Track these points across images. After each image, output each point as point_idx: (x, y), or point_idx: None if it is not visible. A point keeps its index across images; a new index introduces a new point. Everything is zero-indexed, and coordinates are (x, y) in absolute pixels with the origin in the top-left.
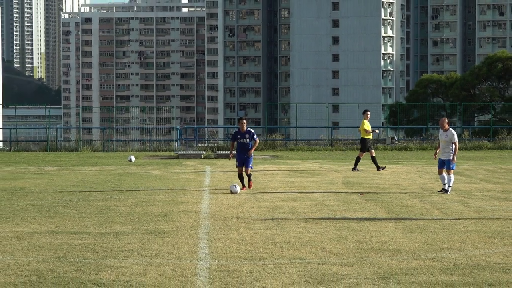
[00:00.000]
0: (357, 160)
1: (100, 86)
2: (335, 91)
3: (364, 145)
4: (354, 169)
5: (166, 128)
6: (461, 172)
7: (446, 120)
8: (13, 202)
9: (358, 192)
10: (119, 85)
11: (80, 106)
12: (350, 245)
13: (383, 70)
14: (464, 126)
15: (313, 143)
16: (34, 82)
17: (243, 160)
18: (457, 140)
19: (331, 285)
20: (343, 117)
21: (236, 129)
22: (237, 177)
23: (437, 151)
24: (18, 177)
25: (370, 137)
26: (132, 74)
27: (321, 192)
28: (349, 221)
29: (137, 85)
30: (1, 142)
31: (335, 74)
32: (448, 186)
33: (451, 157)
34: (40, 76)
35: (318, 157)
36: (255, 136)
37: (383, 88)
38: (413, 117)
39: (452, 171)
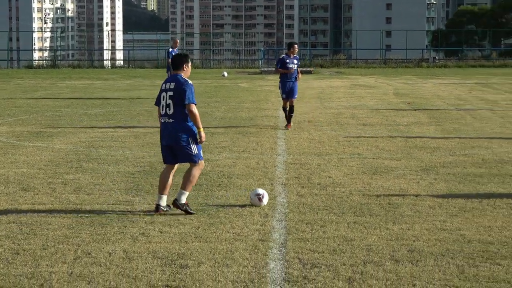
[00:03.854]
0: None
1: (200, 16)
2: (388, 20)
3: None
4: None
5: (252, 49)
6: (490, 85)
7: None
8: (131, 108)
9: (406, 101)
10: (215, 15)
11: (184, 32)
12: (399, 144)
13: (427, 3)
14: (493, 48)
15: (370, 62)
16: (147, 13)
17: (289, 90)
18: None
19: (383, 175)
20: (395, 41)
21: (284, 55)
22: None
23: None
24: (135, 88)
25: None
26: (225, 6)
27: (376, 101)
28: (398, 125)
29: (229, 15)
30: (122, 61)
31: (388, 6)
32: None
33: None
34: (152, 8)
35: (373, 73)
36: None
37: (427, 17)
38: (451, 41)
39: None
